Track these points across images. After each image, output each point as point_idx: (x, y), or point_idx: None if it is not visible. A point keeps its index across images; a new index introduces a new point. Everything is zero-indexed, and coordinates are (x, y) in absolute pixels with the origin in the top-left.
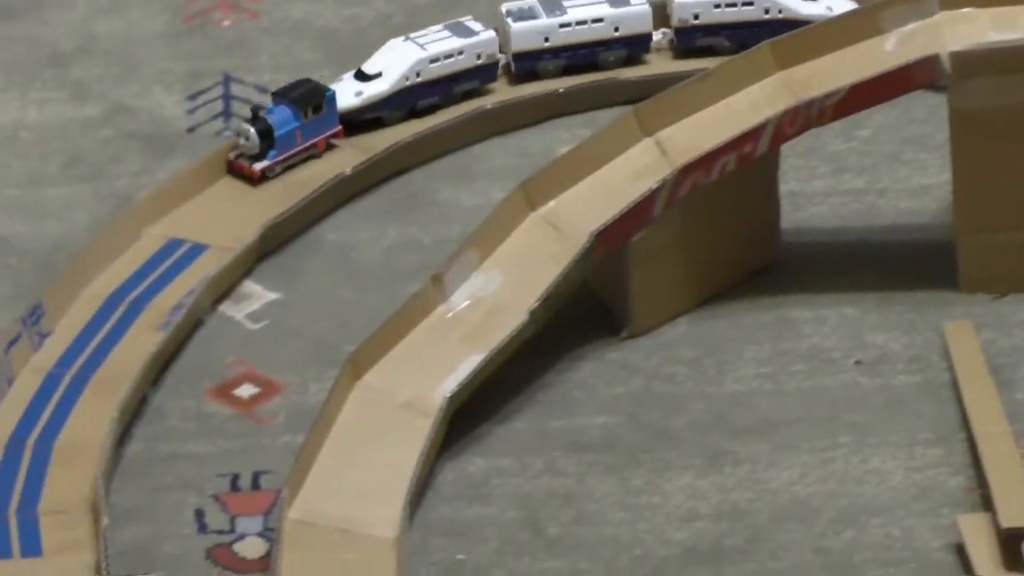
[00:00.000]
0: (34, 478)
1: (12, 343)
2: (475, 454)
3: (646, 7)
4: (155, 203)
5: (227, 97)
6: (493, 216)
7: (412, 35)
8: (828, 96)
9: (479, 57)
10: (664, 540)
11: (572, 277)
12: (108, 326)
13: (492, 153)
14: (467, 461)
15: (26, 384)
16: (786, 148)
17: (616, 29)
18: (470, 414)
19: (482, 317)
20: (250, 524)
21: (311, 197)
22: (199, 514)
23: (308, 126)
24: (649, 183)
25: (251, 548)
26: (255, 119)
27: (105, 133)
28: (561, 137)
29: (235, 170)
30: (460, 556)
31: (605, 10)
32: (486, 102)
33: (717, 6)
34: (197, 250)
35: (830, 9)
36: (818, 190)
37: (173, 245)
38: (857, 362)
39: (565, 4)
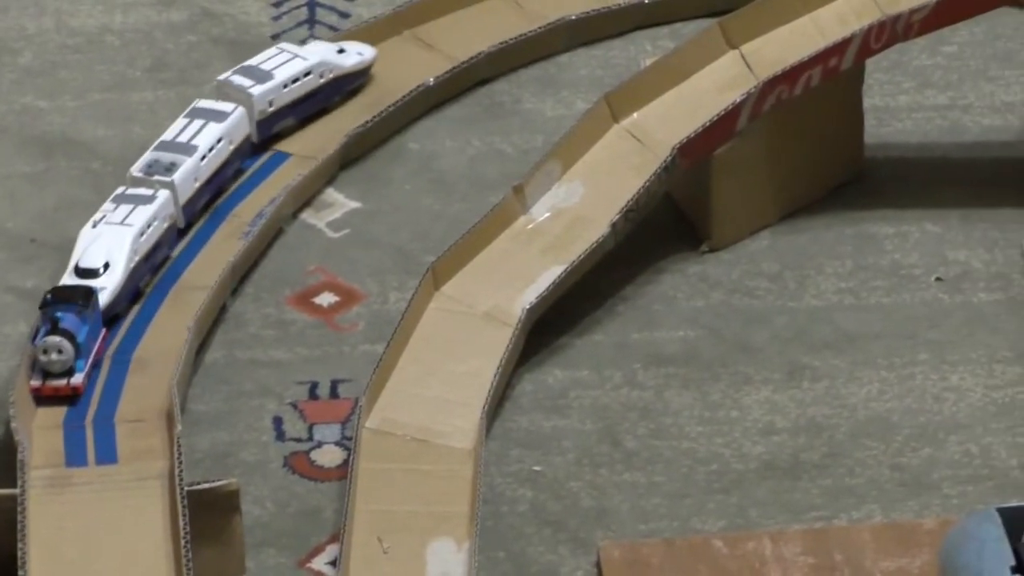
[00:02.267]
0: (112, 388)
1: None
2: (554, 366)
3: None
4: None
5: (312, 4)
6: (576, 127)
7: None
8: (914, 11)
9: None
10: (742, 454)
11: (654, 190)
12: (190, 234)
13: (577, 64)
14: (546, 373)
15: None
16: (871, 63)
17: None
18: (549, 326)
19: (563, 229)
20: (327, 432)
21: (394, 107)
22: (277, 422)
23: (92, 327)
24: (733, 96)
25: (328, 456)
26: (56, 329)
27: (190, 38)
28: (646, 49)
29: (45, 396)
30: (537, 467)
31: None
32: (571, 12)
33: (286, 86)
34: (279, 158)
35: (361, 54)
36: (902, 105)
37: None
38: (938, 279)
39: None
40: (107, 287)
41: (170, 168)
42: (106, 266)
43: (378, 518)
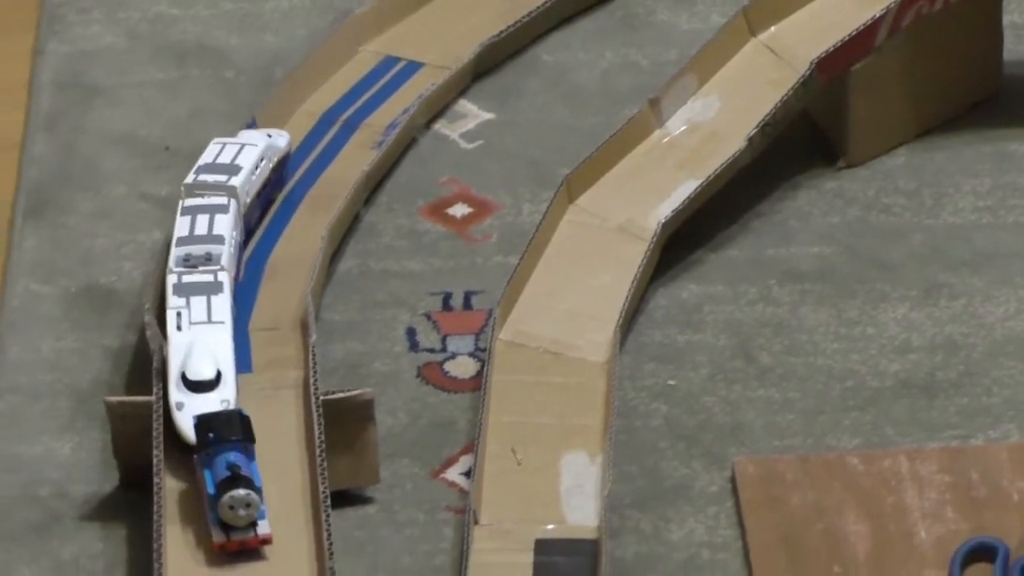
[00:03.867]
0: (246, 296)
1: None
2: (688, 281)
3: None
4: (372, 19)
5: None
6: (713, 41)
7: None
8: None
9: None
10: (877, 372)
11: (791, 105)
12: (322, 144)
13: None
14: (680, 287)
15: None
16: None
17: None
18: (684, 240)
19: (699, 143)
20: (461, 344)
21: (528, 17)
22: (410, 332)
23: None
24: (873, 11)
25: (461, 368)
26: (237, 479)
27: None
28: None
29: (230, 551)
30: (671, 382)
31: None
32: None
33: (253, 174)
34: (412, 68)
35: (281, 135)
36: None
37: (389, 63)
38: None
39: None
40: (228, 398)
41: (209, 258)
42: (218, 376)
43: (511, 429)
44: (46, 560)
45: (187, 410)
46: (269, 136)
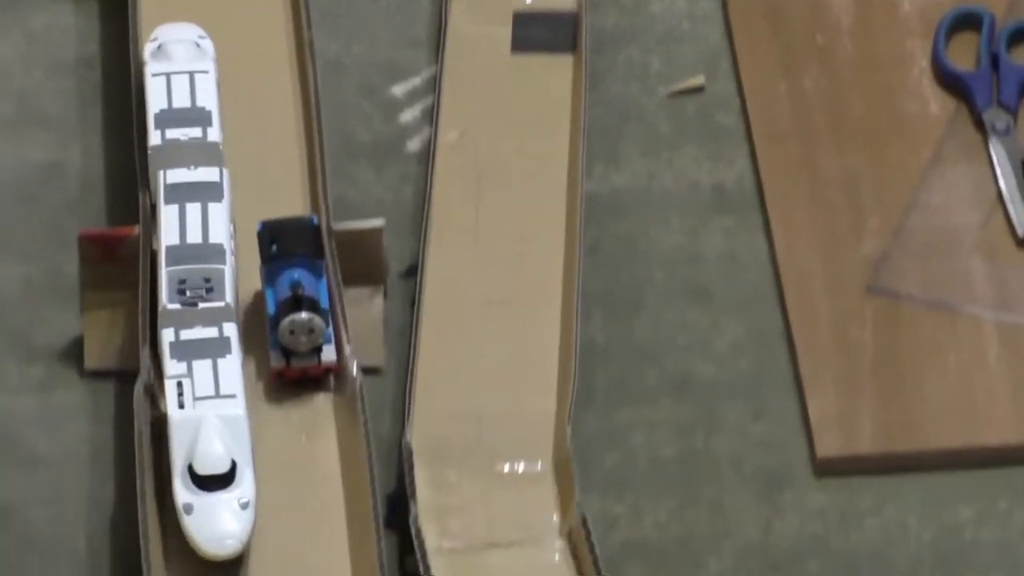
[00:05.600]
0: None
1: None
2: None
3: None
4: None
5: None
6: None
7: None
8: None
9: None
10: None
11: None
12: None
13: None
14: None
15: None
16: None
17: None
18: None
19: None
20: None
21: None
22: None
23: (322, 277)
24: None
25: None
26: (300, 301)
27: None
28: None
29: (289, 379)
30: None
31: None
32: None
33: None
34: None
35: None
36: None
37: None
38: None
39: None
40: (247, 497)
41: (208, 286)
42: (233, 467)
43: None
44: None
45: (198, 513)
46: (200, 38)
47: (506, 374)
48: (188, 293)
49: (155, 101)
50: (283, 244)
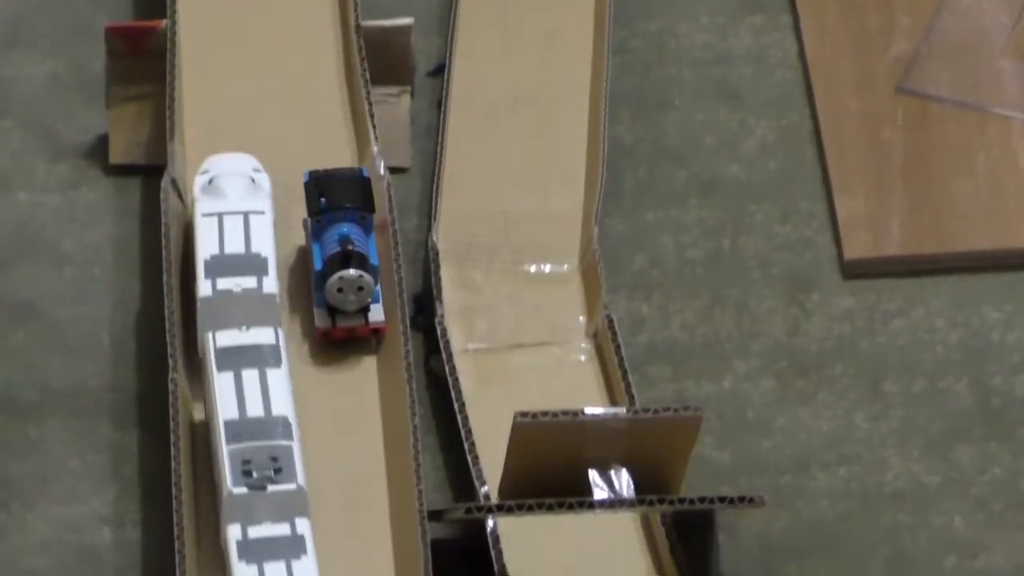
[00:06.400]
0: None
1: None
2: None
3: None
4: None
5: None
6: None
7: None
8: None
9: None
10: None
11: None
12: None
13: None
14: None
15: None
16: None
17: None
18: None
19: None
20: None
21: None
22: None
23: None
24: None
25: None
26: (349, 257)
27: None
28: None
29: (334, 339)
30: None
31: None
32: None
33: None
34: None
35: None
36: None
37: None
38: None
39: None
40: None
41: (275, 464)
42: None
43: None
44: None
45: None
46: (255, 172)
47: (533, 174)
48: (255, 475)
49: (205, 246)
50: (332, 197)
